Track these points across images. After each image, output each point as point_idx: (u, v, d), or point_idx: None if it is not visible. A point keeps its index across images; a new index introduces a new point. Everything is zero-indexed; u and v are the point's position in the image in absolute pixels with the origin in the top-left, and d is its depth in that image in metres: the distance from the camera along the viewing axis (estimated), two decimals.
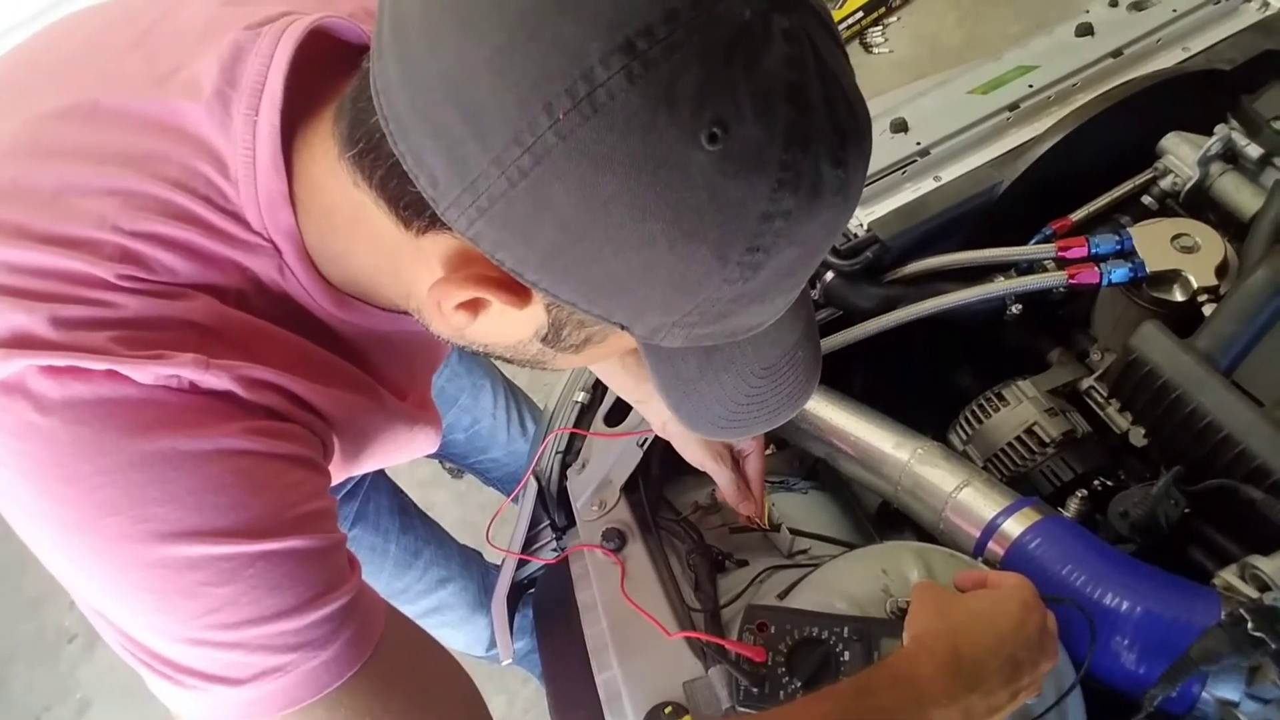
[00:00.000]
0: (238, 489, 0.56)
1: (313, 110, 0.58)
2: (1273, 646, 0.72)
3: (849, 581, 0.88)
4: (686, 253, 0.47)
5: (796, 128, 0.46)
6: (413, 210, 0.51)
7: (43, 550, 0.58)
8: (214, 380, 0.56)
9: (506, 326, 0.56)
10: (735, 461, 1.02)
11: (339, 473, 0.73)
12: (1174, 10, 1.27)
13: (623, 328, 0.53)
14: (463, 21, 0.45)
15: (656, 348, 0.57)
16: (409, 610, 1.33)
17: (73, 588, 0.59)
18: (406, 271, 0.56)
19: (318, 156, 0.57)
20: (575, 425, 1.18)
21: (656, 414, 1.02)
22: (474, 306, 0.53)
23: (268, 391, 0.59)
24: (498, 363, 1.31)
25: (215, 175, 0.58)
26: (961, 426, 1.12)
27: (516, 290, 0.52)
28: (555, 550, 1.20)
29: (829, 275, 1.14)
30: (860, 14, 2.84)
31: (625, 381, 1.01)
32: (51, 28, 0.69)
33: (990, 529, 0.91)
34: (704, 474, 1.03)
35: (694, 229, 0.46)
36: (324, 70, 0.59)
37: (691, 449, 1.01)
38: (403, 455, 0.84)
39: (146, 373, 0.54)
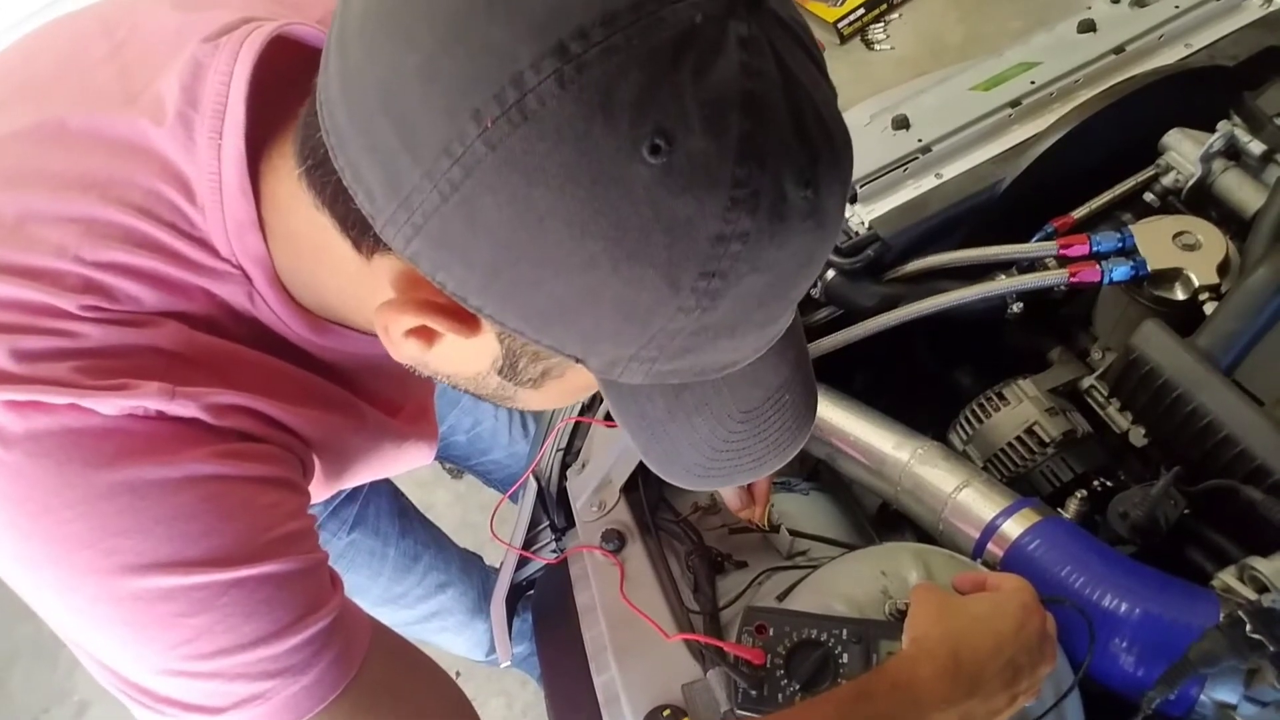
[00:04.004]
0: (208, 515, 0.55)
1: (278, 126, 0.56)
2: (1271, 649, 0.72)
3: (848, 583, 0.88)
4: (632, 276, 0.44)
5: (751, 141, 0.42)
6: (359, 230, 0.49)
7: (16, 583, 0.57)
8: (180, 409, 0.55)
9: (462, 357, 0.54)
10: None
11: (323, 490, 0.72)
12: (1176, 6, 1.26)
13: (578, 360, 0.50)
14: (395, 28, 0.43)
15: (616, 384, 0.53)
16: (408, 615, 1.33)
17: (48, 619, 0.58)
18: (368, 298, 0.54)
19: (282, 177, 0.55)
20: (575, 428, 1.18)
21: None
22: (426, 335, 0.51)
23: (239, 415, 0.58)
24: None
25: (181, 200, 0.56)
26: (962, 426, 1.11)
27: (464, 318, 0.49)
28: (554, 552, 1.20)
29: (830, 273, 1.14)
30: (862, 10, 2.83)
31: None
32: (25, 41, 0.67)
33: (989, 530, 0.91)
34: None
35: (638, 250, 0.43)
36: (288, 82, 0.57)
37: None
38: (393, 470, 0.83)
39: (110, 404, 0.53)
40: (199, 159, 0.56)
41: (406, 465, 0.84)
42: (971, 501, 0.94)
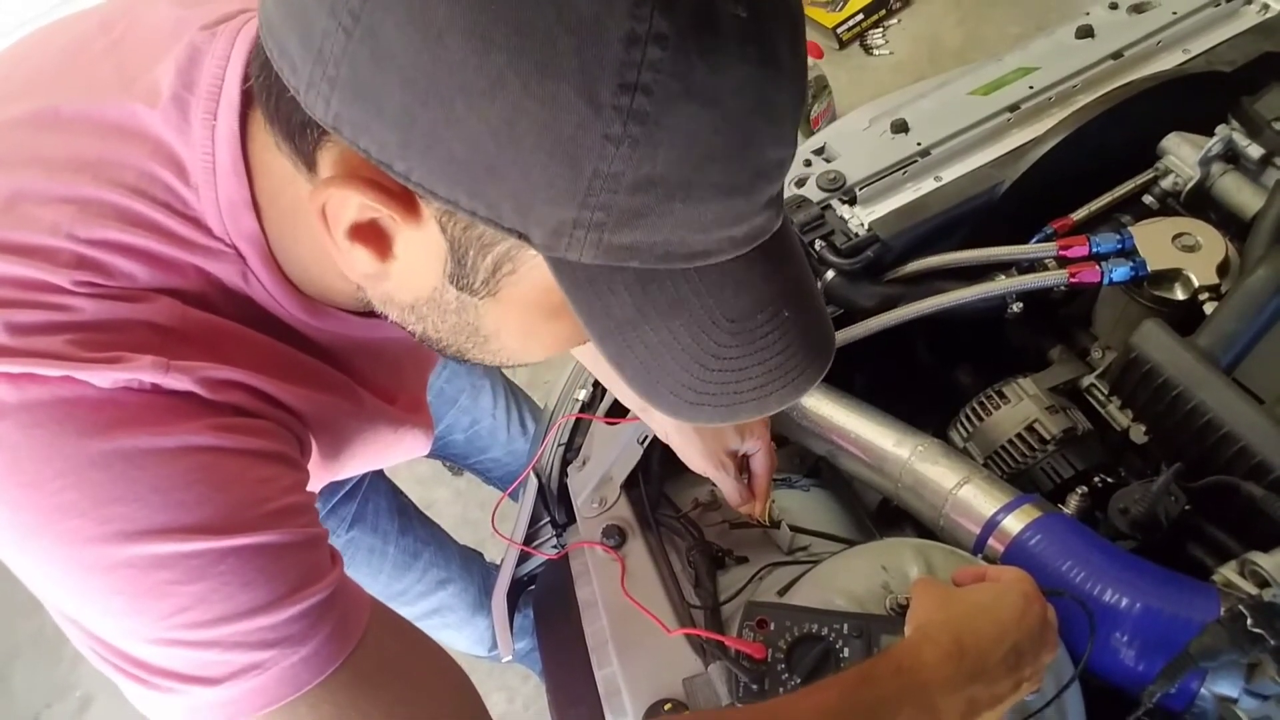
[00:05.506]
0: (204, 485, 0.54)
1: None
2: (1272, 643, 0.72)
3: (849, 578, 0.88)
4: (546, 94, 0.41)
5: None
6: (297, 132, 0.50)
7: (10, 558, 0.56)
8: (175, 382, 0.55)
9: (415, 269, 0.52)
10: (740, 465, 1.01)
11: (322, 474, 0.72)
12: (1174, 12, 1.27)
13: (520, 236, 0.46)
14: None
15: (570, 266, 0.48)
16: (408, 612, 1.33)
17: (42, 594, 0.58)
18: (333, 249, 0.53)
19: (262, 139, 0.56)
20: (576, 425, 1.18)
21: (658, 421, 1.02)
22: (375, 241, 0.50)
23: (234, 390, 0.58)
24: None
25: (174, 180, 0.57)
26: (962, 424, 1.12)
27: (397, 195, 0.48)
28: (555, 547, 1.20)
29: (830, 274, 1.14)
30: (861, 16, 2.84)
31: (626, 389, 0.99)
32: (27, 40, 0.68)
33: (990, 526, 0.91)
34: None
35: (547, 59, 0.40)
36: None
37: (694, 457, 1.00)
38: (390, 458, 0.83)
39: (104, 377, 0.53)
40: (193, 140, 0.57)
41: (404, 454, 0.85)
42: (972, 497, 0.94)
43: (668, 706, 0.87)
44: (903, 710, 0.67)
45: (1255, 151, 1.10)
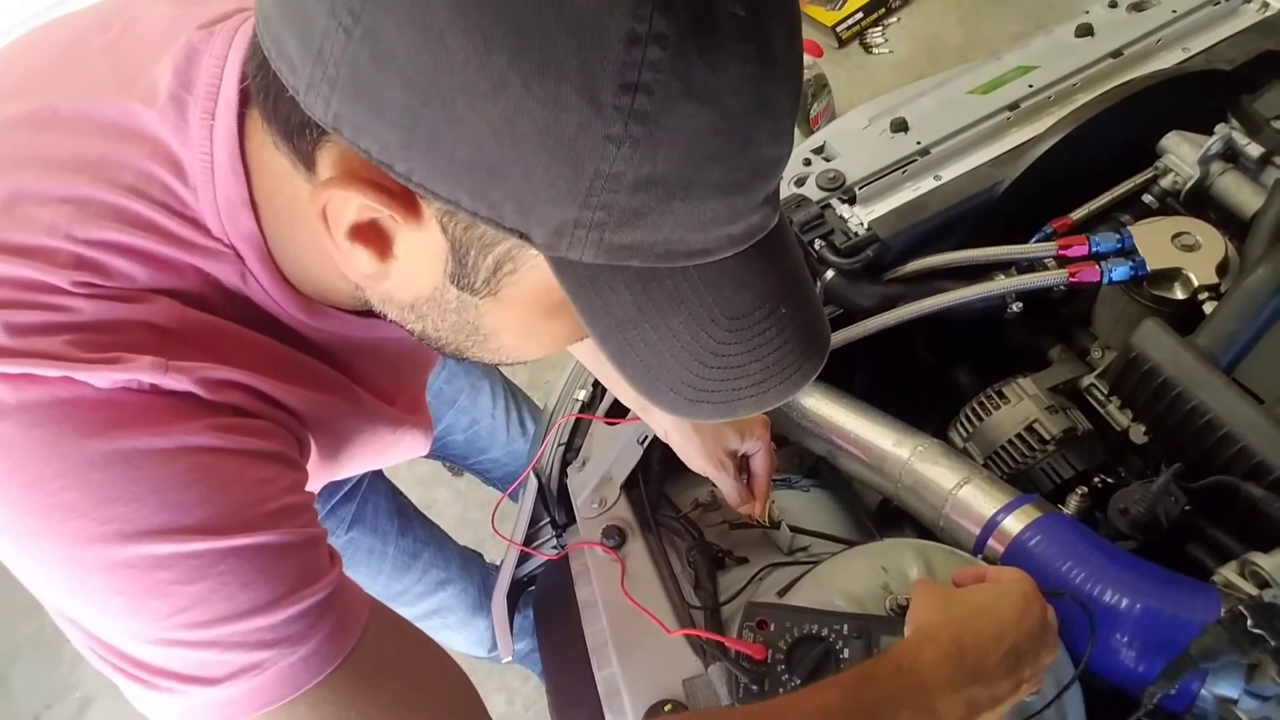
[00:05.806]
0: (203, 485, 0.54)
1: None
2: (1272, 644, 0.72)
3: (849, 579, 0.88)
4: (547, 94, 0.41)
5: None
6: (296, 132, 0.50)
7: (10, 558, 0.56)
8: (174, 383, 0.55)
9: (416, 268, 0.52)
10: (739, 465, 1.01)
11: (321, 474, 0.72)
12: (1174, 11, 1.27)
13: (521, 236, 0.46)
14: None
15: (571, 266, 0.48)
16: (408, 612, 1.32)
17: (42, 595, 0.58)
18: (332, 248, 0.53)
19: (260, 137, 0.56)
20: (576, 425, 1.18)
21: (658, 421, 1.02)
22: (375, 241, 0.51)
23: (233, 391, 0.58)
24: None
25: (173, 180, 0.57)
26: (962, 424, 1.12)
27: (398, 195, 0.48)
28: (555, 548, 1.20)
29: (829, 274, 1.14)
30: (860, 14, 2.84)
31: (626, 388, 1.00)
32: (25, 38, 0.67)
33: (990, 526, 0.91)
34: None
35: (548, 59, 0.41)
36: None
37: (694, 457, 1.00)
38: (390, 458, 0.83)
39: (103, 377, 0.52)
40: (191, 139, 0.57)
41: (403, 454, 0.85)
42: (972, 498, 0.94)
43: (668, 707, 0.87)
44: (902, 711, 0.67)
45: (1255, 150, 1.10)
